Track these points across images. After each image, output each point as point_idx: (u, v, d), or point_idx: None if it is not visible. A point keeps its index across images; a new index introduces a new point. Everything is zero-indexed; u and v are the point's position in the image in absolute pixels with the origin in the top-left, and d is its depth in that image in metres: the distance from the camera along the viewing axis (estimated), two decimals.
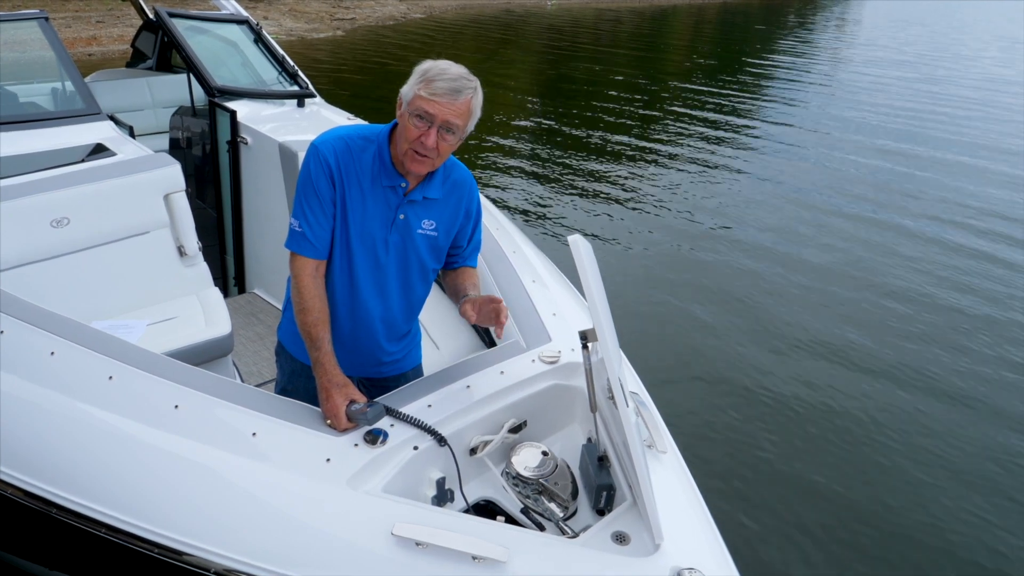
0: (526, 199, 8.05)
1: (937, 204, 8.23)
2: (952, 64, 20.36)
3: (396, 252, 1.99)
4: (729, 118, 12.35)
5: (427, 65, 1.80)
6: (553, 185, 8.54)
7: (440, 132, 1.79)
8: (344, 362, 1.93)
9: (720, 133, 11.28)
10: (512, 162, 9.45)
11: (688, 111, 12.81)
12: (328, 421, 1.80)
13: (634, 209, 7.81)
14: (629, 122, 11.90)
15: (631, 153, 10.01)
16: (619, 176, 8.94)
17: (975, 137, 11.52)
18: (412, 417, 1.84)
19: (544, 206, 7.83)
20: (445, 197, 2.00)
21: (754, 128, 11.72)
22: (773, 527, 3.48)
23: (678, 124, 11.80)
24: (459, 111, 1.78)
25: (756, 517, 3.52)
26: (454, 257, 2.14)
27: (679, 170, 9.25)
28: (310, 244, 1.90)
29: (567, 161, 9.52)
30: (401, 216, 1.94)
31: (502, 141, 10.41)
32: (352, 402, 1.81)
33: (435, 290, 2.56)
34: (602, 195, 8.22)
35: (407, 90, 1.81)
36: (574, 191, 8.34)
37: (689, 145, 10.48)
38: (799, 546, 3.38)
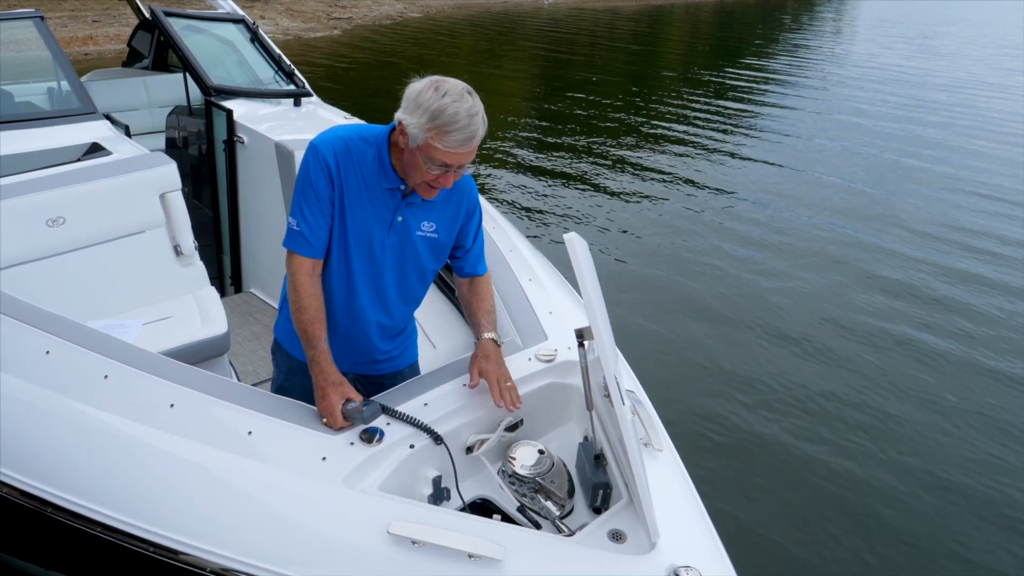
0: (522, 198, 8.05)
1: (937, 203, 8.26)
2: (947, 65, 20.38)
3: (394, 254, 1.98)
4: (726, 118, 12.35)
5: (432, 104, 1.70)
6: (549, 184, 8.54)
7: (456, 171, 1.81)
8: (340, 358, 1.93)
9: (717, 133, 11.28)
10: (509, 161, 9.45)
11: (685, 111, 12.82)
12: (324, 420, 1.80)
13: (630, 207, 7.81)
14: (625, 122, 11.91)
15: (627, 152, 10.02)
16: (616, 174, 8.94)
17: (969, 139, 11.55)
18: (408, 415, 1.83)
19: (540, 204, 7.83)
20: (445, 198, 1.99)
21: (751, 129, 11.73)
22: (770, 525, 3.48)
23: (675, 123, 11.80)
24: (474, 150, 1.78)
25: (752, 515, 3.53)
26: (460, 260, 2.12)
27: (676, 169, 9.25)
28: (307, 243, 1.90)
29: (563, 160, 9.53)
30: (399, 218, 1.94)
31: (498, 140, 10.41)
32: (348, 400, 1.81)
33: (432, 289, 2.55)
34: (598, 193, 8.22)
35: (415, 132, 1.73)
36: (570, 189, 8.34)
37: (686, 144, 10.49)
38: (795, 544, 3.39)
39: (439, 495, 1.80)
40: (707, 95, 14.35)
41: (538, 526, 1.76)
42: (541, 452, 1.90)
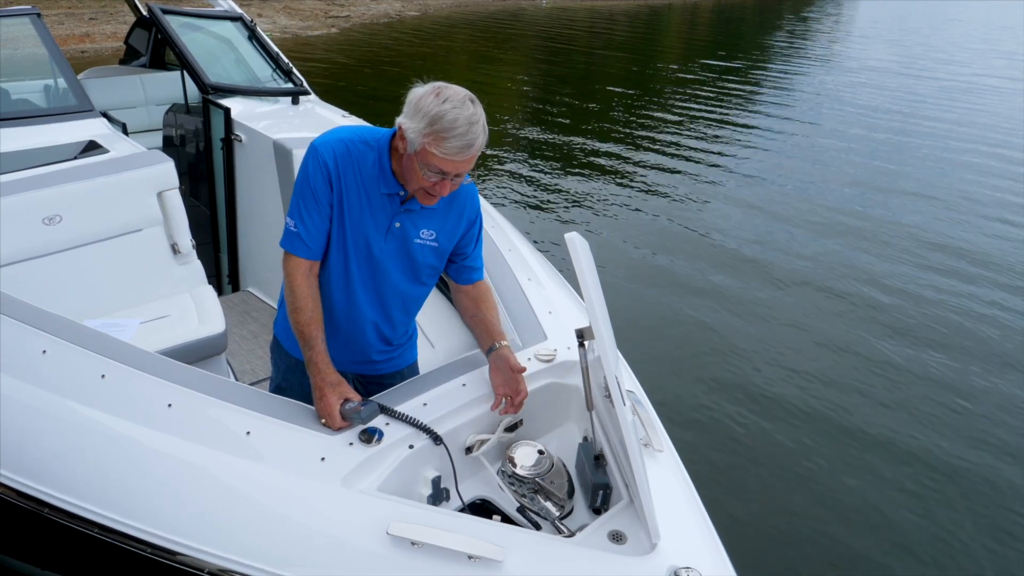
0: (521, 196, 8.04)
1: (935, 196, 8.28)
2: (946, 67, 20.42)
3: (392, 258, 1.97)
4: (725, 117, 12.36)
5: (432, 109, 1.68)
6: (548, 183, 8.53)
7: (454, 179, 1.79)
8: (339, 358, 1.92)
9: (715, 133, 11.29)
10: (507, 160, 9.44)
11: (683, 111, 12.82)
12: (322, 420, 1.79)
13: (631, 207, 7.80)
14: (624, 121, 11.90)
15: (627, 152, 10.01)
16: (615, 174, 8.94)
17: (968, 140, 11.58)
18: (407, 416, 1.83)
19: (540, 203, 7.82)
20: (445, 205, 1.97)
21: (750, 128, 11.74)
22: (770, 526, 3.48)
23: (674, 123, 11.81)
24: (472, 159, 1.75)
25: (753, 516, 3.52)
26: (459, 267, 2.09)
27: (675, 169, 9.25)
28: (304, 244, 1.88)
29: (562, 159, 9.52)
30: (396, 224, 1.92)
31: (497, 140, 10.39)
32: (346, 401, 1.80)
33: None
34: (598, 192, 8.21)
35: (413, 137, 1.72)
36: (570, 189, 8.33)
37: (684, 144, 10.49)
38: (796, 545, 3.39)
39: (438, 496, 1.79)
40: (706, 96, 14.35)
41: (538, 527, 1.75)
42: (541, 452, 1.89)
